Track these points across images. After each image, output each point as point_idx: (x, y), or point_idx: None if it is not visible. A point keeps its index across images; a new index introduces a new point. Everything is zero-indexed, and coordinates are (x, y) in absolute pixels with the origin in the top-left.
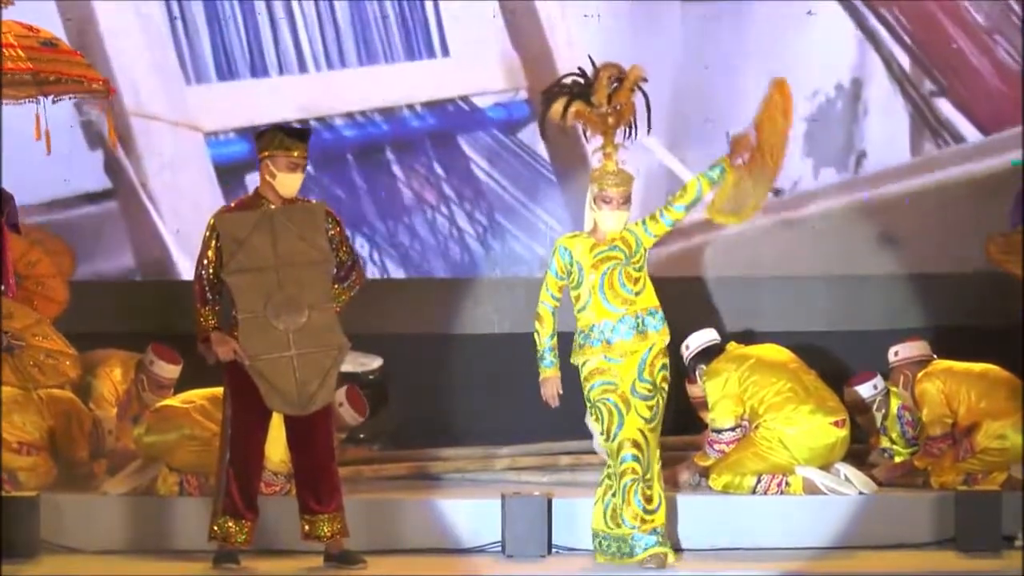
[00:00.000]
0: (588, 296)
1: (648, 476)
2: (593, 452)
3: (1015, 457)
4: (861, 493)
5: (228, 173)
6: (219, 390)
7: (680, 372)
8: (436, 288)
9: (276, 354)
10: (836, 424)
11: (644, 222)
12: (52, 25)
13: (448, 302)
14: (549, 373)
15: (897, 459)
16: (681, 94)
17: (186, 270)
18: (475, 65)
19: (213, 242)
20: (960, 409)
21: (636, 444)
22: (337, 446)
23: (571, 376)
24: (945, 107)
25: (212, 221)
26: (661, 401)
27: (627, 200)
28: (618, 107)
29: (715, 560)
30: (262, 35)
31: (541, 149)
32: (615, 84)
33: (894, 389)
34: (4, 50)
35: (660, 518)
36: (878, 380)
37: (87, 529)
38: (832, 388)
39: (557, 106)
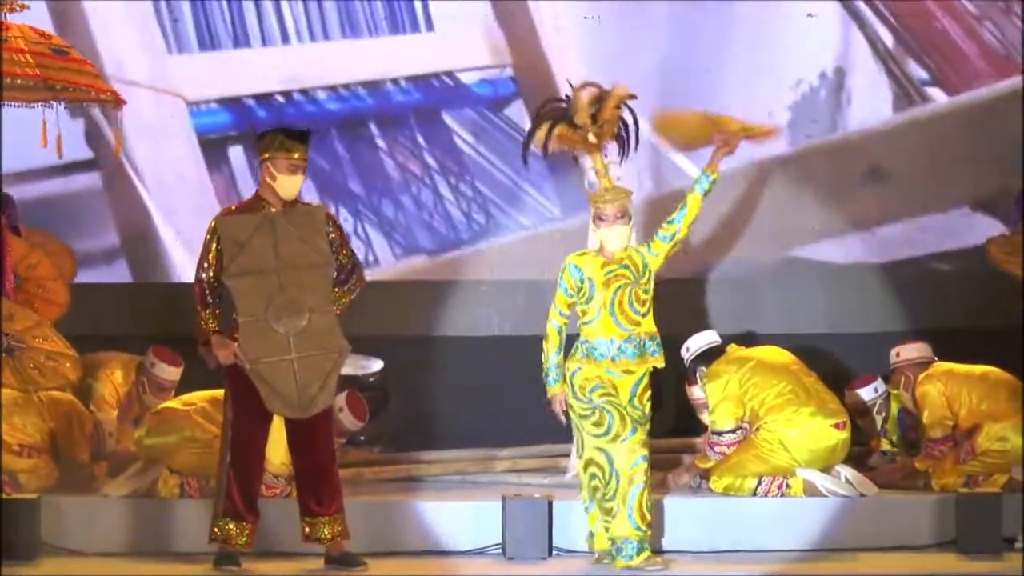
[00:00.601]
0: (597, 312)
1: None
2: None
3: (1016, 459)
4: (862, 495)
5: (211, 145)
6: (220, 392)
7: (680, 374)
8: (436, 290)
9: (277, 357)
10: (837, 426)
11: (647, 244)
12: None
13: (448, 304)
14: (556, 390)
15: (898, 461)
16: (667, 85)
17: (168, 239)
18: (460, 40)
19: (214, 245)
20: (961, 411)
21: (646, 444)
22: (338, 448)
23: None
24: (933, 94)
25: (213, 224)
26: (646, 423)
27: (624, 215)
28: (601, 125)
29: (716, 562)
30: (244, 6)
31: (527, 124)
32: (597, 104)
33: (894, 391)
34: (13, 55)
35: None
36: (879, 383)
37: (88, 531)
38: (833, 390)
39: (540, 133)
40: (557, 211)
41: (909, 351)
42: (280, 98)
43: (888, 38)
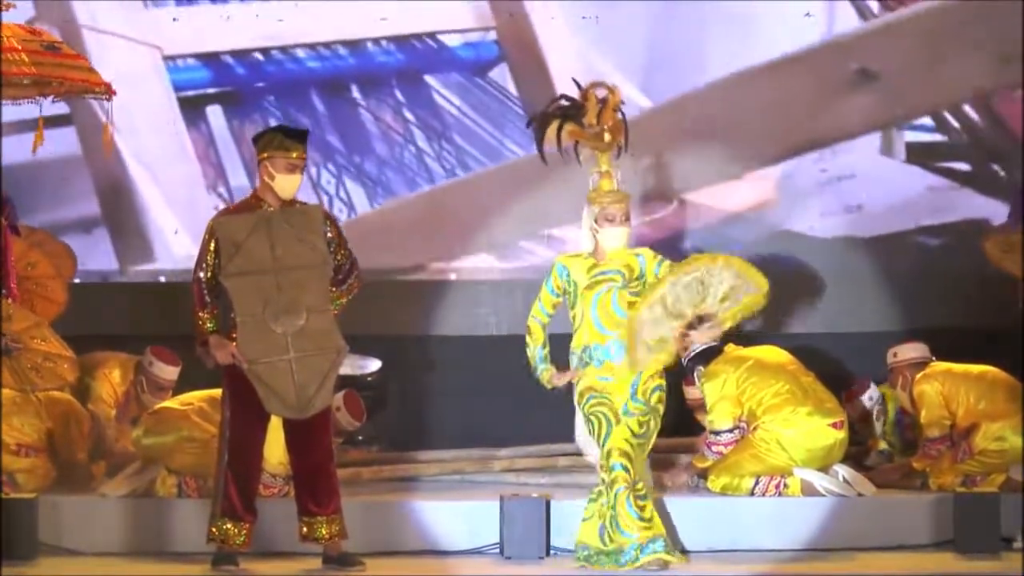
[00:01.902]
0: (581, 317)
1: (639, 487)
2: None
3: (1014, 459)
4: (859, 495)
5: (189, 103)
6: (217, 392)
7: (678, 374)
8: (434, 290)
9: (274, 357)
10: (834, 426)
11: (660, 263)
12: None
13: (446, 304)
14: (549, 374)
15: (895, 461)
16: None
17: (146, 194)
18: (443, 3)
19: (211, 245)
20: (958, 411)
21: (624, 453)
22: (335, 448)
23: None
24: None
25: (210, 224)
26: (654, 422)
27: (628, 217)
28: (612, 126)
29: (713, 562)
30: None
31: (511, 86)
32: (601, 105)
33: (892, 391)
34: (7, 54)
35: (659, 527)
36: (872, 390)
37: (86, 531)
38: (830, 390)
39: (551, 130)
40: None
41: (907, 351)
42: (259, 55)
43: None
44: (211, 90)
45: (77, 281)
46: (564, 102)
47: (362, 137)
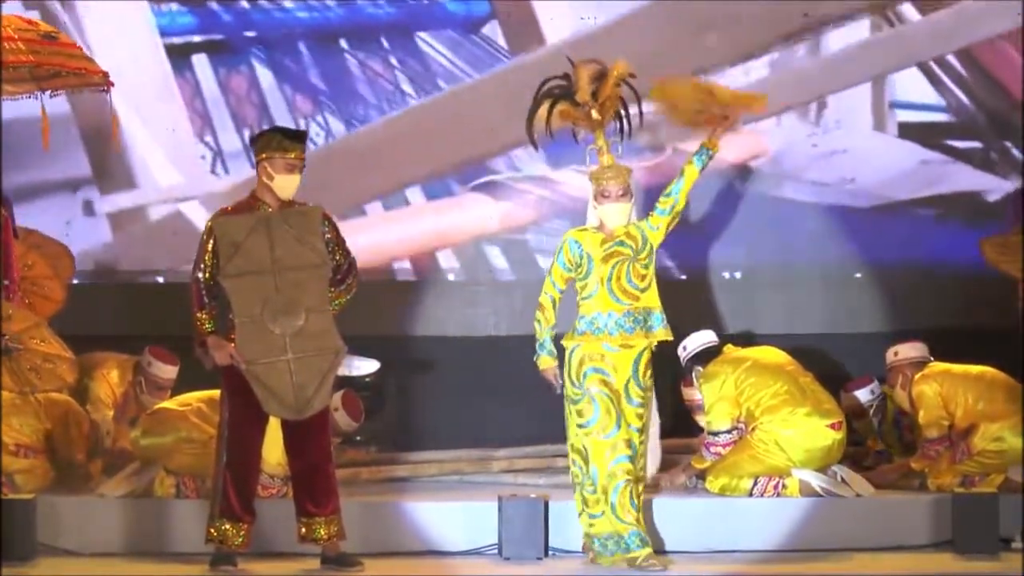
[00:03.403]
0: (595, 287)
1: (637, 479)
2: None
3: (1013, 459)
4: (858, 495)
5: (175, 51)
6: (216, 392)
7: (677, 374)
8: (433, 290)
9: (273, 358)
10: (832, 426)
11: (646, 218)
12: None
13: (445, 304)
14: (549, 362)
15: (894, 461)
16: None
17: (132, 129)
18: None
19: (210, 245)
20: (957, 411)
21: (630, 444)
22: (334, 449)
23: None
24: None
25: (209, 224)
26: (648, 403)
27: (626, 192)
28: (603, 102)
29: (711, 562)
30: None
31: (501, 40)
32: (597, 81)
33: (890, 391)
34: (5, 43)
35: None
36: (875, 385)
37: (84, 531)
38: (829, 390)
39: (542, 111)
40: None
41: (907, 350)
42: (245, 3)
43: None
44: (197, 38)
45: (76, 282)
46: (556, 83)
47: (351, 89)
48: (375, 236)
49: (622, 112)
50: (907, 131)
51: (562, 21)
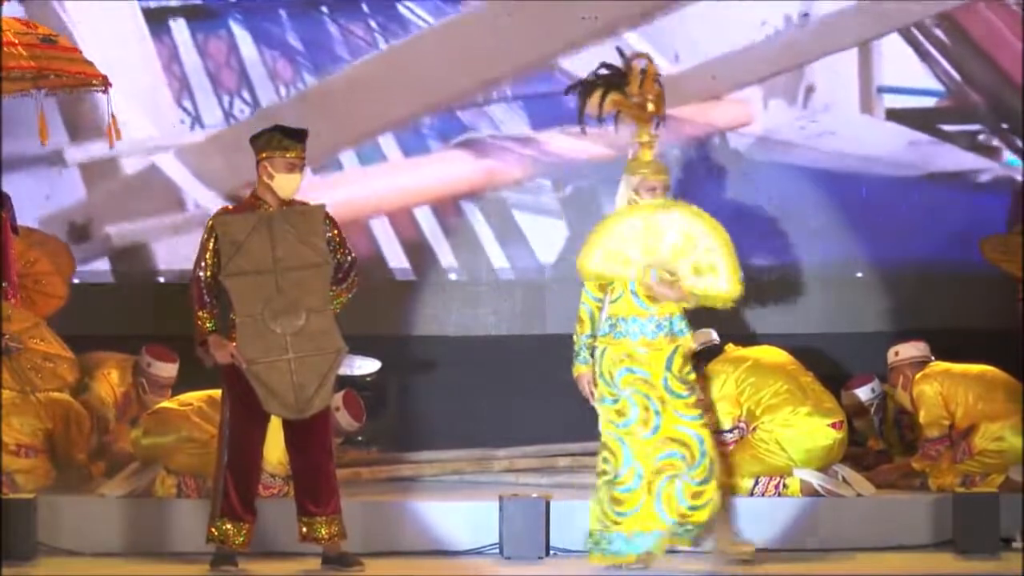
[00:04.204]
0: (621, 290)
1: (695, 473)
2: (591, 453)
3: (1013, 459)
4: (859, 495)
5: (152, 16)
6: (217, 392)
7: None
8: (433, 290)
9: (274, 358)
10: (833, 426)
11: None
12: None
13: (445, 304)
14: (582, 370)
15: (895, 461)
16: None
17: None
18: None
19: (211, 244)
20: (958, 411)
21: (679, 442)
22: (335, 448)
23: (568, 378)
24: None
25: (210, 223)
26: (697, 395)
27: (666, 189)
28: (656, 97)
29: (711, 562)
30: None
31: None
32: (642, 75)
33: (892, 391)
34: (5, 48)
35: (702, 515)
36: (875, 383)
37: (85, 531)
38: (830, 390)
39: (594, 98)
40: None
41: (908, 350)
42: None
43: None
44: (175, 2)
45: (76, 281)
46: (605, 71)
47: (331, 54)
48: (351, 191)
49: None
50: (895, 116)
51: None
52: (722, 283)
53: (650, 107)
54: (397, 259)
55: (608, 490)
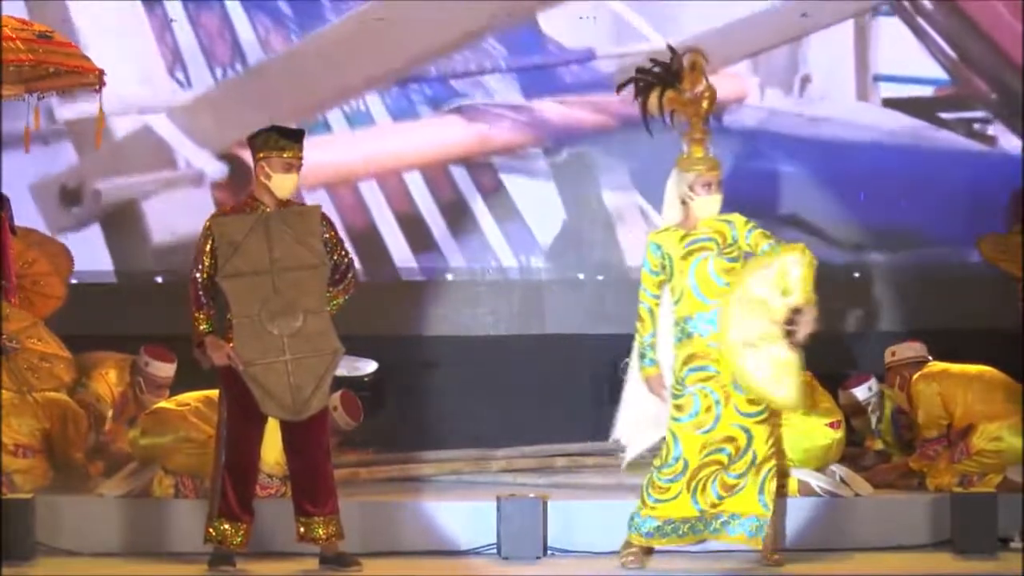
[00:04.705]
0: (681, 289)
1: (735, 467)
2: (589, 453)
3: (1011, 459)
4: (857, 495)
5: None
6: (214, 392)
7: None
8: (431, 290)
9: (271, 359)
10: (831, 426)
11: (751, 230)
12: None
13: (443, 304)
14: (650, 372)
15: (893, 461)
16: None
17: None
18: None
19: (208, 245)
20: (956, 411)
21: (730, 439)
22: (333, 448)
23: (566, 378)
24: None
25: (207, 224)
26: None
27: (719, 184)
28: (706, 93)
29: (711, 561)
30: None
31: None
32: (693, 72)
33: (889, 391)
34: (4, 43)
35: (735, 504)
36: (873, 382)
37: (83, 531)
38: (827, 390)
39: (653, 99)
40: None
41: (904, 351)
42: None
43: None
44: None
45: (74, 282)
46: (657, 68)
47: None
48: (340, 153)
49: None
50: (891, 105)
51: None
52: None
53: (704, 104)
54: (394, 240)
55: (654, 475)
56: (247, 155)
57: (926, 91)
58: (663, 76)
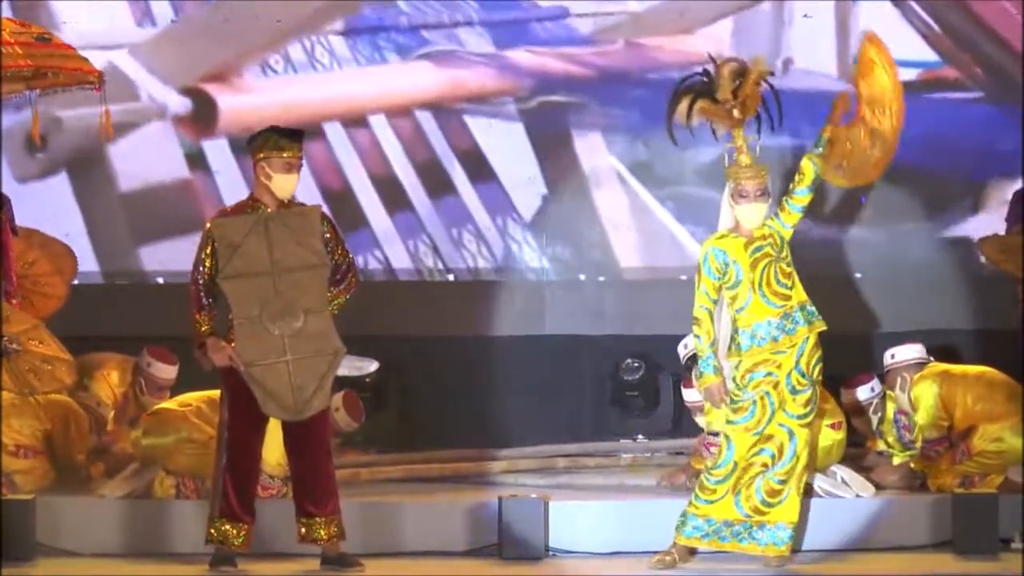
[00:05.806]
0: (748, 296)
1: (779, 471)
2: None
3: (1012, 460)
4: (858, 496)
5: None
6: (216, 393)
7: (678, 375)
8: (433, 290)
9: (272, 359)
10: (833, 427)
11: (777, 215)
12: None
13: (445, 304)
14: (711, 379)
15: (894, 462)
16: None
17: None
18: None
19: (208, 247)
20: (956, 412)
21: (772, 438)
22: (334, 449)
23: (563, 379)
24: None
25: (208, 225)
26: (815, 394)
27: (764, 192)
28: (743, 100)
29: (713, 562)
30: None
31: None
32: (738, 79)
33: (890, 392)
34: (3, 48)
35: (777, 514)
36: (875, 383)
37: (84, 532)
38: (829, 390)
39: (682, 106)
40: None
41: (904, 352)
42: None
43: None
44: None
45: (76, 282)
46: (696, 79)
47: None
48: (302, 92)
49: (763, 110)
50: None
51: None
52: None
53: (736, 113)
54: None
55: (704, 477)
56: (211, 89)
57: (911, 74)
58: (696, 86)
